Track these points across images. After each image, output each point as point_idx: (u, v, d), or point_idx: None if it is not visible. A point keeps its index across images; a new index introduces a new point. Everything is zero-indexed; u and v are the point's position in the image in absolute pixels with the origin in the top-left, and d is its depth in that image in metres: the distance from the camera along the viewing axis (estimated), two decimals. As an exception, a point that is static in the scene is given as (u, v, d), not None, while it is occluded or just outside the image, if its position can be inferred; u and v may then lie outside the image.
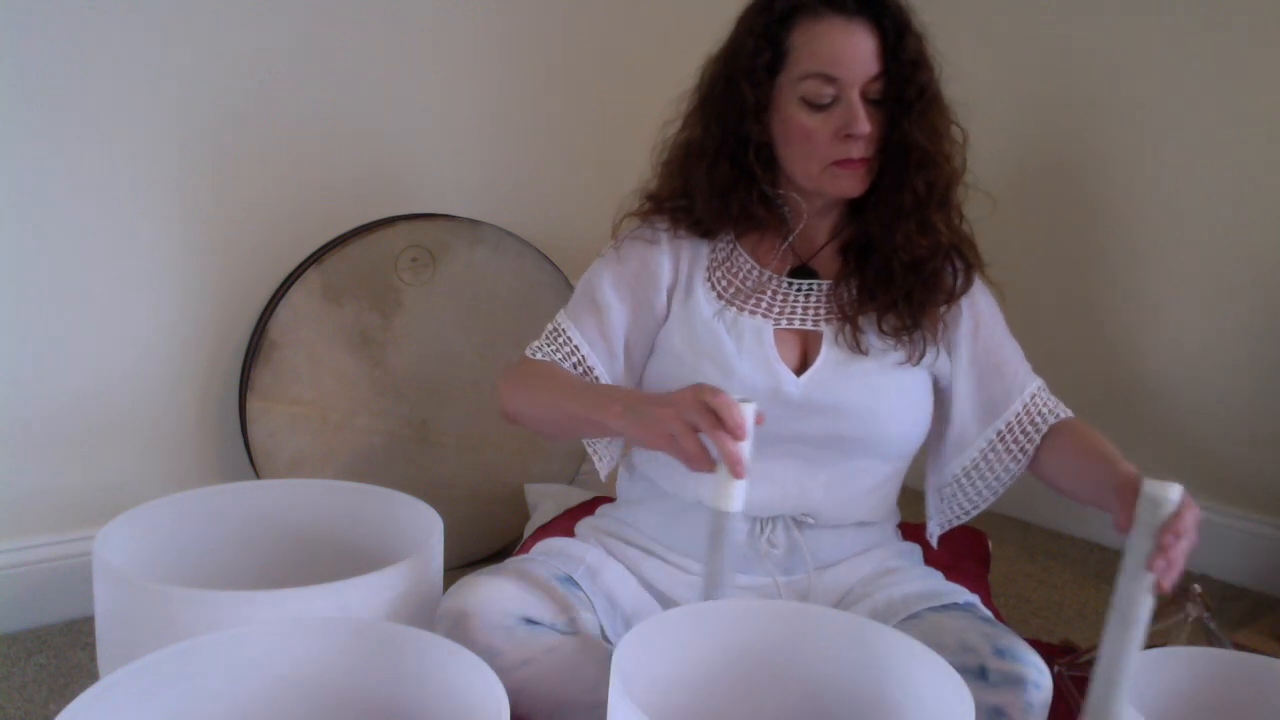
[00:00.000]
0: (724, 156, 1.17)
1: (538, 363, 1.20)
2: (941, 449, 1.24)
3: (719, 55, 1.19)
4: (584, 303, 1.22)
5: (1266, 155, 1.80)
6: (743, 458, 0.93)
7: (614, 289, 1.21)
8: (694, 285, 1.20)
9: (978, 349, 1.21)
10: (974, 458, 1.20)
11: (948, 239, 1.16)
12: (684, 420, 0.94)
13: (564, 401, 1.10)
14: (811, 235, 1.22)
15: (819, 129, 1.12)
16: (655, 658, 0.92)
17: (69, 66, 1.45)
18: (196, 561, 1.21)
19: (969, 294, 1.20)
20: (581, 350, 1.19)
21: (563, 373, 1.16)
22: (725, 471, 0.94)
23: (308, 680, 0.91)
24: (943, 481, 1.24)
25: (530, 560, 1.15)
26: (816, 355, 1.17)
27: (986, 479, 1.20)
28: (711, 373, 1.15)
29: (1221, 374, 1.88)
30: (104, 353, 1.54)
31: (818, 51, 1.11)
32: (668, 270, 1.21)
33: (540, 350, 1.21)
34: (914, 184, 1.14)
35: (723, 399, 0.93)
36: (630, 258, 1.22)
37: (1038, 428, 1.17)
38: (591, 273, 1.25)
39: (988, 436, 1.19)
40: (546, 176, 1.94)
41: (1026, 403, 1.19)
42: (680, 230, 1.22)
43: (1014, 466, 1.19)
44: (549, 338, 1.22)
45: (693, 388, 0.96)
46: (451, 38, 1.80)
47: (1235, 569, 1.87)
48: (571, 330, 1.21)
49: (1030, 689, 0.98)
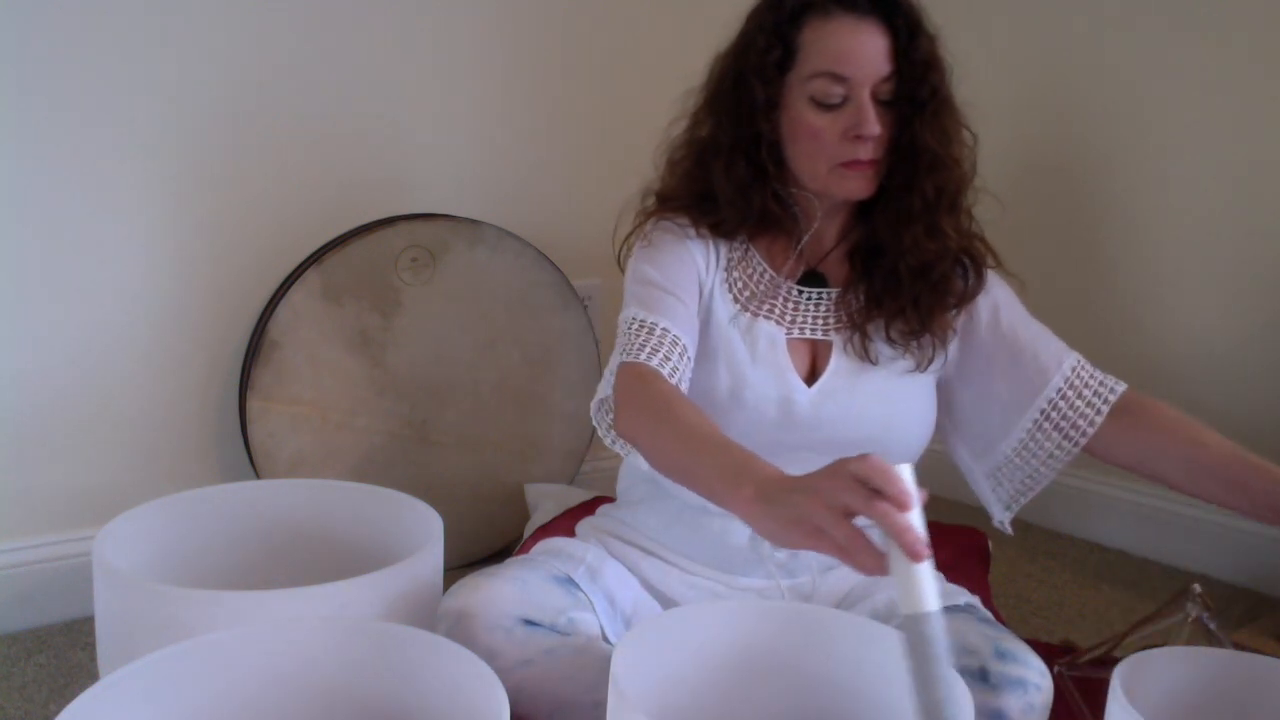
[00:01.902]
0: (739, 154, 1.15)
1: (658, 381, 1.04)
2: (982, 434, 1.21)
3: (728, 52, 1.18)
4: (654, 293, 1.13)
5: (1275, 152, 1.79)
6: (919, 533, 0.73)
7: (673, 276, 1.14)
8: (715, 286, 1.18)
9: (1003, 331, 1.19)
10: (1022, 438, 1.17)
11: (956, 243, 1.15)
12: (830, 505, 0.76)
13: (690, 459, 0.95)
14: (820, 238, 1.21)
15: (827, 129, 1.11)
16: (655, 658, 0.91)
17: (68, 66, 1.45)
18: (196, 561, 1.21)
19: (985, 289, 1.19)
20: (682, 341, 1.10)
21: (689, 413, 1.00)
22: (901, 557, 0.73)
23: (308, 680, 0.91)
24: (995, 464, 1.21)
25: (530, 561, 1.14)
26: (826, 364, 1.16)
27: (1039, 456, 1.17)
28: (724, 379, 1.14)
29: (1229, 373, 1.88)
30: (104, 353, 1.54)
31: (827, 50, 1.10)
32: (702, 264, 1.18)
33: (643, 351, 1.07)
34: (923, 187, 1.12)
35: (874, 463, 0.75)
36: (669, 246, 1.18)
37: (1091, 405, 1.14)
38: (639, 269, 1.17)
39: (1032, 416, 1.16)
40: (546, 176, 1.94)
41: (1068, 376, 1.16)
42: (702, 229, 1.19)
43: (1067, 445, 1.15)
44: (641, 336, 1.08)
45: (834, 463, 0.78)
46: (452, 37, 1.80)
47: (1235, 569, 1.87)
48: (662, 320, 1.10)
49: (1031, 691, 0.98)
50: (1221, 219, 1.86)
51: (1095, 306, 2.03)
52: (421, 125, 1.80)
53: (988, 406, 1.20)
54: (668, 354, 1.07)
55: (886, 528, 0.73)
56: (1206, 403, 1.91)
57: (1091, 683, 1.22)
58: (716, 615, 0.97)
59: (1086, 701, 1.21)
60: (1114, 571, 1.91)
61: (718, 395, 1.14)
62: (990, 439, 1.21)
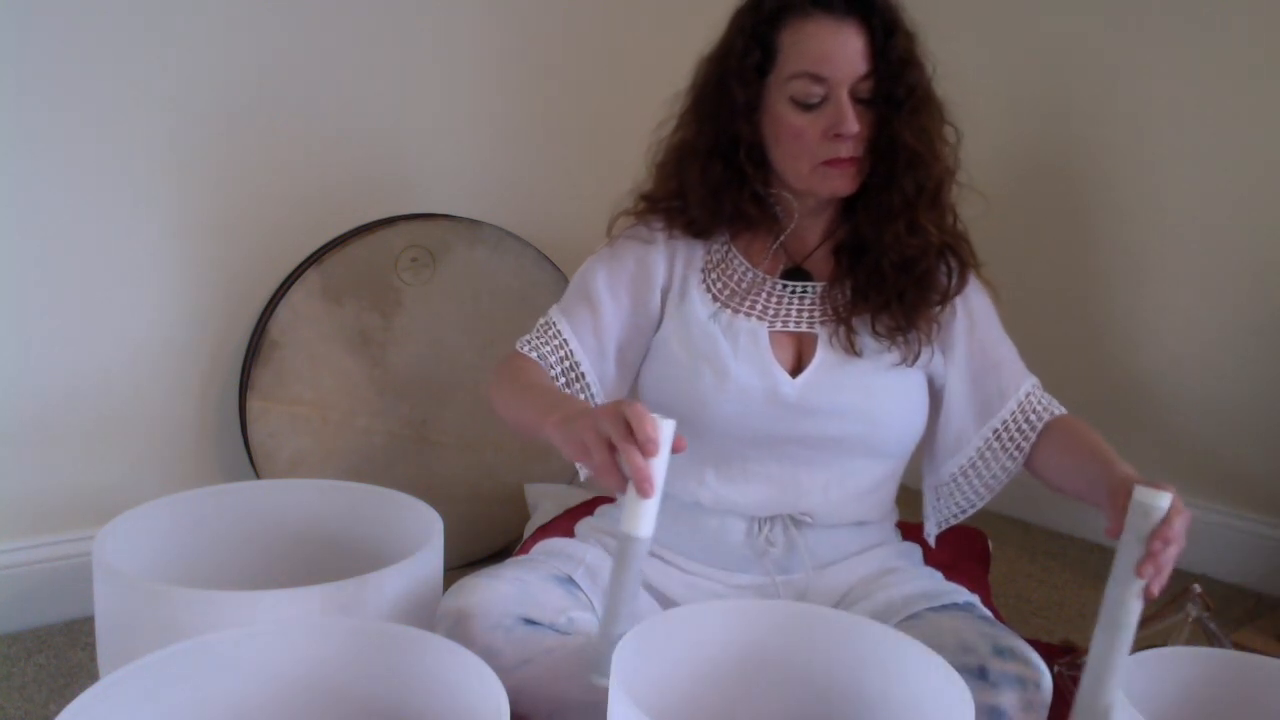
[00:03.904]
0: (717, 157, 1.17)
1: (523, 359, 1.18)
2: (937, 448, 1.23)
3: (711, 55, 1.20)
4: (577, 299, 1.21)
5: (1265, 154, 1.80)
6: (650, 475, 0.87)
7: (609, 287, 1.21)
8: (689, 287, 1.20)
9: (973, 347, 1.20)
10: (971, 456, 1.20)
11: (938, 239, 1.16)
12: (598, 431, 0.90)
13: (523, 406, 1.08)
14: (804, 236, 1.22)
15: (808, 128, 1.12)
16: (655, 658, 0.91)
17: (68, 66, 1.45)
18: (196, 561, 1.21)
19: (963, 293, 1.20)
20: (570, 345, 1.19)
21: (538, 375, 1.15)
22: (633, 490, 0.88)
23: (308, 680, 0.91)
24: (939, 480, 1.23)
25: (530, 561, 1.15)
26: (812, 357, 1.17)
27: (984, 477, 1.20)
28: (708, 375, 1.15)
29: (1221, 373, 1.89)
30: (104, 353, 1.54)
31: (806, 51, 1.11)
32: (663, 271, 1.21)
33: (530, 344, 1.20)
34: (903, 184, 1.13)
35: (637, 410, 0.88)
36: (625, 256, 1.22)
37: (1033, 425, 1.17)
38: (586, 269, 1.24)
39: (984, 435, 1.19)
40: (546, 176, 1.94)
41: (1021, 400, 1.18)
42: (675, 231, 1.22)
43: (1010, 465, 1.18)
44: (540, 331, 1.21)
45: (616, 401, 0.93)
46: (452, 38, 1.80)
47: (1235, 569, 1.87)
48: (563, 325, 1.20)
49: (1030, 689, 0.99)
50: (1213, 217, 1.87)
51: (1088, 305, 2.03)
52: (422, 125, 1.80)
53: (946, 417, 1.21)
54: (549, 356, 1.18)
55: (628, 465, 0.87)
56: (1197, 402, 1.92)
57: (1091, 682, 1.22)
58: (716, 615, 0.97)
59: (1086, 701, 1.21)
60: (1114, 571, 1.91)
61: (703, 390, 1.15)
62: (943, 452, 1.22)
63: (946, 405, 1.21)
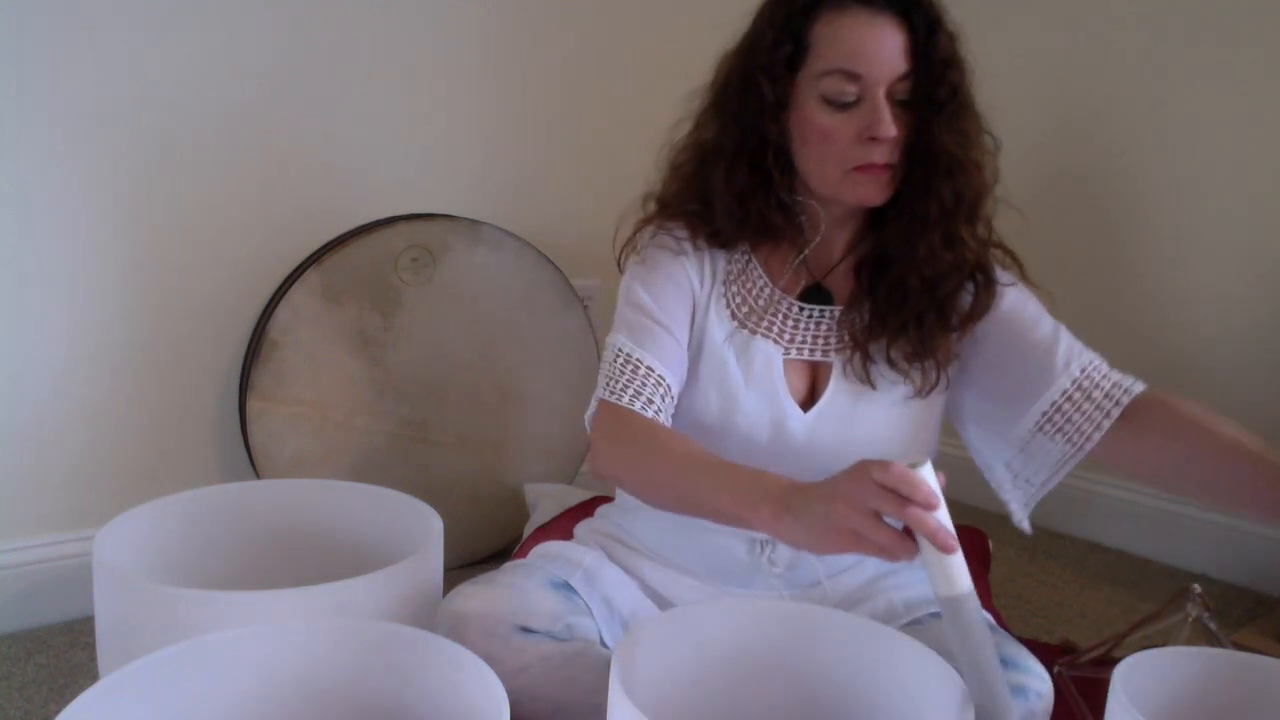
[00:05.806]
0: (742, 160, 1.09)
1: (637, 420, 1.04)
2: (995, 430, 1.15)
3: (736, 50, 1.12)
4: (642, 323, 1.11)
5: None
6: (948, 529, 0.81)
7: (668, 301, 1.11)
8: (712, 301, 1.13)
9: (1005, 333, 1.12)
10: (1023, 438, 1.11)
11: (973, 255, 1.09)
12: (863, 511, 0.81)
13: (693, 489, 0.95)
14: (827, 249, 1.15)
15: (840, 130, 1.05)
16: (655, 658, 0.91)
17: (66, 66, 1.45)
18: (196, 561, 1.21)
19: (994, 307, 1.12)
20: (667, 381, 1.08)
21: (676, 442, 1.01)
22: (933, 551, 0.81)
23: (308, 680, 0.91)
24: (1007, 459, 1.15)
25: (527, 567, 1.12)
26: (825, 387, 1.12)
27: (1043, 461, 1.11)
28: (715, 401, 1.11)
29: (1256, 373, 1.87)
30: (104, 352, 1.54)
31: (841, 46, 1.03)
32: (696, 282, 1.14)
33: (626, 392, 1.06)
34: (941, 192, 1.05)
35: (898, 471, 0.80)
36: (663, 265, 1.13)
37: (1102, 410, 1.05)
38: (632, 290, 1.13)
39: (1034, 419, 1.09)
40: (546, 176, 1.94)
41: (1076, 377, 1.07)
42: (699, 240, 1.14)
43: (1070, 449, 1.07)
44: (622, 370, 1.08)
45: (855, 468, 0.84)
46: (452, 37, 1.80)
47: (1235, 569, 1.87)
48: (647, 359, 1.08)
49: (1032, 698, 0.98)
50: (1245, 220, 1.85)
51: (1120, 310, 2.02)
52: (422, 125, 1.80)
53: (990, 407, 1.14)
54: (650, 396, 1.06)
55: (919, 530, 0.80)
56: (1233, 403, 1.91)
57: (1091, 683, 1.22)
58: (716, 615, 0.97)
59: (1086, 701, 1.21)
60: (1114, 571, 1.91)
61: (708, 418, 1.11)
62: (1000, 431, 1.14)
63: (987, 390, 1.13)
